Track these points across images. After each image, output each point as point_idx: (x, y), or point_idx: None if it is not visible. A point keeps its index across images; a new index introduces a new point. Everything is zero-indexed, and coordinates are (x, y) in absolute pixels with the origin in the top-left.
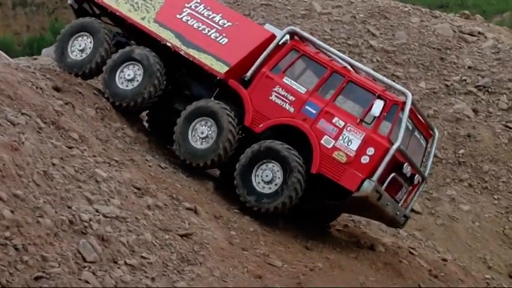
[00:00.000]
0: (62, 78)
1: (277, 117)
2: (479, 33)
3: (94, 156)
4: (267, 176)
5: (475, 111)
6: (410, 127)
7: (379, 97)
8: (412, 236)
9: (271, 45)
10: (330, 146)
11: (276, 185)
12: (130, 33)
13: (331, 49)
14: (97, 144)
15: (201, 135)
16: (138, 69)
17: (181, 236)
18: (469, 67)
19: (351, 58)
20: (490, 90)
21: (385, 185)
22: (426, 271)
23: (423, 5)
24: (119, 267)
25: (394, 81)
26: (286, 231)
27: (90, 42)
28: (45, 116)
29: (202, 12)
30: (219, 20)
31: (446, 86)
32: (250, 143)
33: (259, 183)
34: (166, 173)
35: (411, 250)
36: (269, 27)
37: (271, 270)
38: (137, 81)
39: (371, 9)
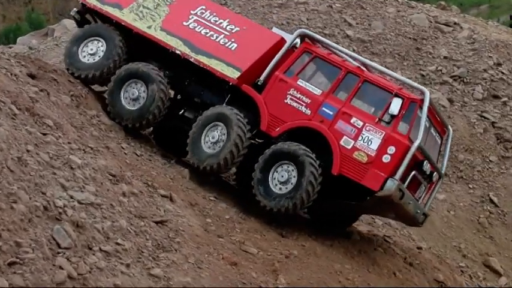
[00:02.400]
0: (37, 66)
1: (294, 120)
2: (455, 23)
3: (69, 143)
4: (282, 176)
5: (450, 101)
6: (427, 124)
7: (397, 95)
8: (388, 225)
9: (283, 49)
10: (349, 147)
11: (287, 188)
12: (137, 42)
13: (343, 49)
14: (72, 131)
15: (211, 139)
16: (143, 98)
17: (157, 222)
18: (445, 57)
19: None
20: (465, 80)
21: (406, 183)
22: (401, 259)
23: None
24: (93, 254)
25: None
26: (261, 219)
27: (100, 56)
28: (19, 103)
29: (208, 18)
30: (227, 26)
31: (422, 75)
32: (267, 147)
33: (275, 178)
34: (141, 160)
35: (386, 238)
36: (277, 31)
37: (246, 257)
38: (133, 105)
39: None
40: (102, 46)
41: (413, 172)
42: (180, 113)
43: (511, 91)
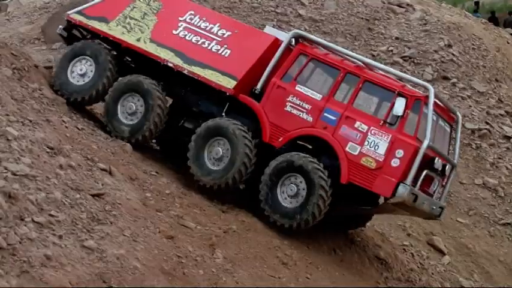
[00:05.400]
0: None
1: (296, 129)
2: (407, 4)
3: (7, 115)
4: (291, 190)
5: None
6: (435, 118)
7: (400, 94)
8: None
9: (278, 53)
10: (356, 153)
11: (296, 201)
12: (127, 55)
13: (341, 48)
14: (11, 103)
15: (215, 155)
16: (139, 114)
17: (93, 195)
18: (396, 38)
19: (279, 26)
20: (415, 61)
21: (418, 184)
22: (342, 236)
23: None
24: (25, 225)
25: None
26: (203, 195)
27: (89, 77)
28: None
29: (198, 25)
30: (218, 31)
31: (373, 55)
32: (270, 157)
33: (283, 192)
34: (83, 134)
35: None
36: (269, 30)
37: (184, 231)
38: (130, 119)
39: None
40: (91, 65)
41: (425, 172)
42: (180, 124)
43: (461, 72)
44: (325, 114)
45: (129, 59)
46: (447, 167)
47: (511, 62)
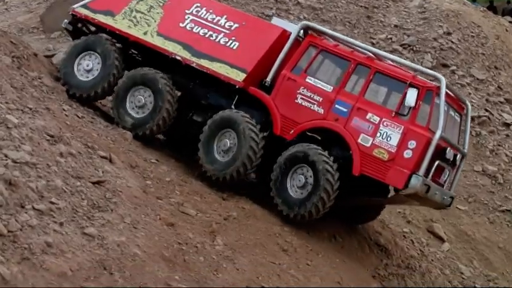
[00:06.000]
0: None
1: (307, 121)
2: None
3: (7, 103)
4: (299, 180)
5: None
6: (446, 108)
7: (411, 85)
8: None
9: (287, 45)
10: (368, 145)
11: (302, 193)
12: (133, 48)
13: (350, 39)
14: (11, 91)
15: (223, 146)
16: (146, 110)
17: (94, 183)
18: (395, 26)
19: (278, 15)
20: (415, 48)
21: (430, 175)
22: (343, 223)
23: None
24: (26, 212)
25: None
26: (203, 182)
27: (93, 75)
28: None
29: (205, 17)
30: (225, 23)
31: (372, 43)
32: (281, 149)
33: (294, 179)
34: (83, 122)
35: None
36: (277, 22)
37: (184, 218)
38: (136, 111)
39: None
40: (98, 64)
41: (436, 162)
42: (188, 117)
43: (460, 60)
44: (337, 106)
45: (136, 52)
46: (458, 156)
47: (510, 50)
